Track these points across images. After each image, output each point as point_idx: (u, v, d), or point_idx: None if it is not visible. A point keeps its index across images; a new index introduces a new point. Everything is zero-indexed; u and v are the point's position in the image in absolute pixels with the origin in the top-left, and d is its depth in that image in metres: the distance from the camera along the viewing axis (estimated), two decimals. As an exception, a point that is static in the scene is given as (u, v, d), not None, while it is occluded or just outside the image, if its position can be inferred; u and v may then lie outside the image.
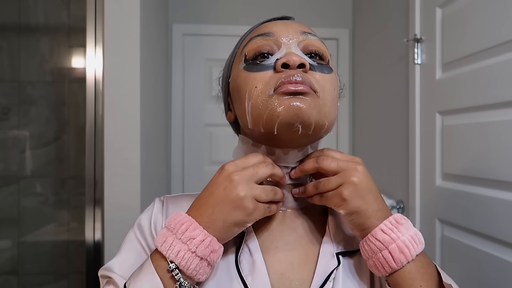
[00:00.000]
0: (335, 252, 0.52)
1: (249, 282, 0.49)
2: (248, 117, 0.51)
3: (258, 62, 0.52)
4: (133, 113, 1.35)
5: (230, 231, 0.47)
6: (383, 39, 1.74)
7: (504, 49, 0.97)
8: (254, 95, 0.50)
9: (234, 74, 0.55)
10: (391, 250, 0.46)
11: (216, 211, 0.46)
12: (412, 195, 1.40)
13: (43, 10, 2.09)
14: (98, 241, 1.35)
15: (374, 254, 0.47)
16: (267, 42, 0.53)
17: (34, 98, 2.08)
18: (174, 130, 2.10)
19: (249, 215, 0.47)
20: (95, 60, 1.35)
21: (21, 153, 2.07)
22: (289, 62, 0.49)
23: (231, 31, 2.12)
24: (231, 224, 0.46)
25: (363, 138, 2.02)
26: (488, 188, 1.02)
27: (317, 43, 0.54)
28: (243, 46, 0.56)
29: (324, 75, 0.52)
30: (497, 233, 0.99)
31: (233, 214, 0.46)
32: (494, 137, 1.00)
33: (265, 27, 0.56)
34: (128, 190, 1.35)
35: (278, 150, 0.54)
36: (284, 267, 0.51)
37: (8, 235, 2.07)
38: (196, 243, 0.45)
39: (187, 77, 2.12)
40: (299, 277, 0.51)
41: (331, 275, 0.50)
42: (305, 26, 0.57)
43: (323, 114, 0.49)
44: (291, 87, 0.47)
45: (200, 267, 0.45)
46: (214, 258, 0.46)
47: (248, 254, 0.51)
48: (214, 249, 0.46)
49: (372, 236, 0.48)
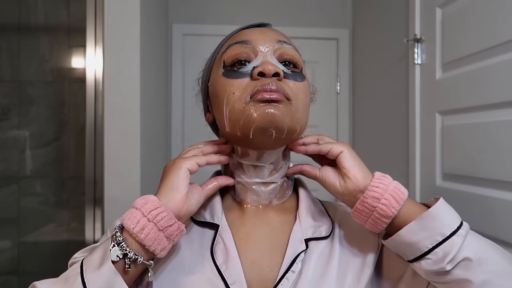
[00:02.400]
0: (304, 238, 0.56)
1: (223, 269, 0.53)
2: (225, 121, 0.55)
3: (236, 69, 0.56)
4: (133, 113, 1.35)
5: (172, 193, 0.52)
6: (383, 39, 1.74)
7: (504, 49, 0.97)
8: (232, 101, 0.54)
9: (213, 79, 0.59)
10: (396, 182, 0.53)
11: (163, 183, 0.53)
12: (412, 195, 1.40)
13: (43, 10, 2.09)
14: (98, 241, 1.35)
15: (387, 187, 0.52)
16: (244, 50, 0.57)
17: (34, 98, 2.08)
18: (174, 130, 2.10)
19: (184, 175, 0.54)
20: (95, 60, 1.35)
21: (21, 153, 2.07)
22: (265, 71, 0.53)
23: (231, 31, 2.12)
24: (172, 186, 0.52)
25: (363, 138, 2.02)
26: (488, 188, 1.02)
27: (291, 52, 0.58)
28: (222, 52, 0.60)
29: (297, 83, 0.56)
30: (497, 233, 0.99)
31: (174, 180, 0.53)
32: (494, 137, 1.00)
33: (243, 35, 0.59)
34: (128, 190, 1.35)
35: (252, 152, 0.58)
36: (256, 255, 0.56)
37: (8, 235, 2.07)
38: (136, 201, 0.50)
39: (187, 77, 2.12)
40: (269, 263, 0.55)
41: (298, 257, 0.54)
42: (281, 34, 0.61)
43: (295, 120, 0.54)
44: (266, 95, 0.51)
45: (134, 217, 0.48)
46: (149, 208, 0.49)
47: (223, 245, 0.55)
48: (149, 200, 0.50)
49: (379, 176, 0.54)
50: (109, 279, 0.45)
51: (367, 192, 0.52)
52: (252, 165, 0.60)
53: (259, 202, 0.61)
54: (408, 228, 0.50)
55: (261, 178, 0.60)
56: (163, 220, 0.48)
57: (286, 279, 0.52)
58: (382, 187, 0.52)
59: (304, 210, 0.60)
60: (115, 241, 0.47)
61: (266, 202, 0.61)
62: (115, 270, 0.45)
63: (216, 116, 0.59)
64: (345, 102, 2.18)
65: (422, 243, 0.49)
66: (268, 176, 0.60)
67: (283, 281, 0.52)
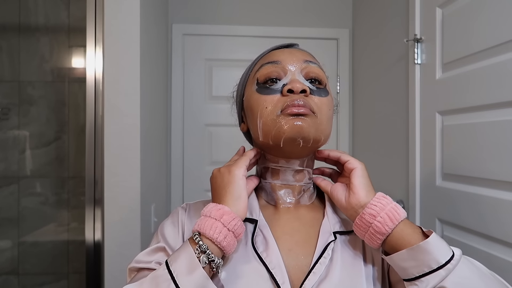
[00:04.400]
0: (332, 231, 0.64)
1: (264, 257, 0.61)
2: (259, 132, 0.64)
3: (268, 86, 0.64)
4: (133, 113, 1.35)
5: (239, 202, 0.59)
6: (383, 39, 1.74)
7: (504, 49, 0.97)
8: (265, 114, 0.62)
9: (248, 95, 0.68)
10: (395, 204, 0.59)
11: (225, 191, 0.60)
12: (412, 195, 1.40)
13: (43, 10, 2.09)
14: (98, 241, 1.35)
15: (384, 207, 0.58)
16: (275, 69, 0.65)
17: (34, 98, 2.08)
18: (174, 130, 2.10)
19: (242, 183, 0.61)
20: (95, 60, 1.35)
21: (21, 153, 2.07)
22: (293, 88, 0.61)
23: (231, 31, 2.12)
24: (237, 195, 0.60)
25: (363, 138, 2.02)
26: (488, 188, 1.02)
27: (317, 70, 0.67)
28: (255, 71, 0.68)
29: (321, 98, 0.64)
30: (497, 233, 0.99)
31: (236, 188, 0.60)
32: (494, 137, 1.00)
33: (274, 55, 0.68)
34: (128, 190, 1.34)
35: (282, 160, 0.67)
36: (292, 244, 0.63)
37: (8, 235, 2.07)
38: (209, 210, 0.57)
39: (187, 77, 2.12)
40: (304, 251, 0.63)
41: (329, 246, 0.62)
42: (308, 54, 0.70)
43: (320, 131, 0.62)
44: (294, 109, 0.60)
45: (216, 227, 0.55)
46: (228, 219, 0.56)
47: (262, 237, 0.63)
48: (225, 212, 0.57)
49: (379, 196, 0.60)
50: (202, 283, 0.53)
51: (366, 209, 0.59)
52: (281, 170, 0.68)
53: (289, 202, 0.69)
54: (399, 254, 0.56)
55: (288, 181, 0.68)
56: (238, 228, 0.57)
57: (319, 264, 0.60)
58: (380, 206, 0.58)
59: (331, 208, 0.68)
60: (200, 249, 0.54)
61: (294, 202, 0.69)
62: (206, 275, 0.53)
63: (251, 126, 0.68)
64: (345, 102, 2.18)
65: (410, 270, 0.55)
66: (295, 180, 0.68)
67: (317, 266, 0.60)
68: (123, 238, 1.34)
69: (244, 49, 2.13)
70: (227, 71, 2.11)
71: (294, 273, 0.61)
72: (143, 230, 1.40)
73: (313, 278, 0.59)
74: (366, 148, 1.98)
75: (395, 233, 0.57)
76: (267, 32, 2.13)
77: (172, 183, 2.08)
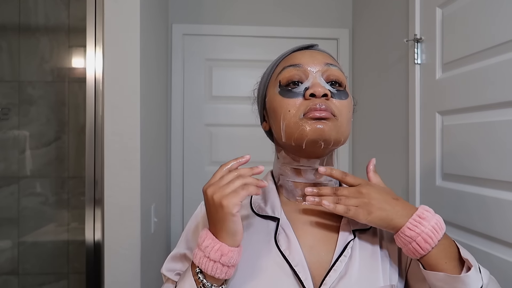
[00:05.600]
0: (352, 229, 0.67)
1: (287, 254, 0.64)
2: (282, 133, 0.66)
3: (290, 89, 0.66)
4: (133, 113, 1.35)
5: (235, 237, 0.59)
6: (383, 39, 1.74)
7: (504, 49, 0.97)
8: (288, 117, 0.65)
9: (271, 96, 0.70)
10: (418, 242, 0.59)
11: (220, 226, 0.58)
12: (412, 195, 1.40)
13: (43, 10, 2.09)
14: (98, 241, 1.35)
15: (406, 246, 0.61)
16: (297, 72, 0.67)
17: (34, 98, 2.08)
18: (174, 130, 2.10)
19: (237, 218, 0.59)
20: (95, 60, 1.35)
21: (21, 153, 2.07)
22: (315, 92, 0.63)
23: (231, 31, 2.12)
24: (232, 231, 0.58)
25: (363, 138, 2.02)
26: (488, 188, 1.02)
27: (337, 73, 0.68)
28: (277, 73, 0.70)
29: (342, 101, 0.66)
30: (497, 233, 0.99)
31: (231, 225, 0.58)
32: (494, 137, 1.00)
33: (295, 58, 0.69)
34: (128, 190, 1.34)
35: (303, 160, 0.69)
36: (313, 242, 0.66)
37: (8, 235, 2.07)
38: (208, 250, 0.58)
39: (187, 77, 2.12)
40: (325, 248, 0.66)
41: (349, 244, 0.65)
42: (328, 56, 0.71)
43: (340, 133, 0.65)
44: (316, 113, 0.62)
45: (216, 267, 0.57)
46: (226, 260, 0.57)
47: (284, 235, 0.66)
48: (224, 253, 0.57)
49: (402, 232, 0.61)
50: None
51: (400, 232, 0.61)
52: (302, 169, 0.70)
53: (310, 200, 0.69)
54: (436, 275, 0.59)
55: (309, 179, 0.70)
56: (236, 260, 0.59)
57: (340, 262, 0.63)
58: (402, 243, 0.61)
59: None
60: (204, 286, 0.58)
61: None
62: None
63: (273, 127, 0.70)
64: (345, 102, 2.18)
65: None
66: (316, 178, 0.70)
67: (337, 263, 0.63)
68: (123, 238, 1.34)
69: (244, 49, 2.13)
70: (227, 71, 2.11)
71: (316, 270, 0.64)
72: (143, 230, 1.40)
73: (333, 274, 0.62)
74: (366, 148, 1.98)
75: (426, 259, 0.60)
76: (267, 32, 2.13)
77: (172, 183, 2.08)
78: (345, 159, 2.17)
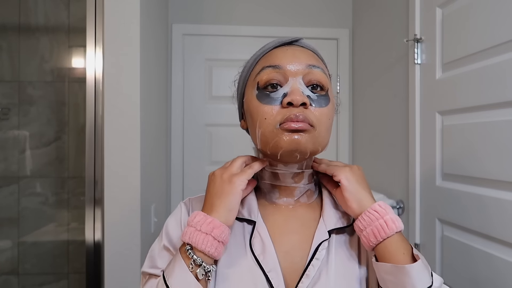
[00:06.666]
0: (327, 230, 0.65)
1: (261, 259, 0.62)
2: (257, 140, 0.64)
3: (268, 93, 0.63)
4: (133, 113, 1.35)
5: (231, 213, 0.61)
6: (383, 39, 1.75)
7: (504, 49, 0.97)
8: (264, 125, 0.62)
9: (248, 98, 0.67)
10: (386, 220, 0.59)
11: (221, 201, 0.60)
12: (412, 195, 1.40)
13: (43, 10, 2.09)
14: (98, 241, 1.35)
15: (372, 222, 0.59)
16: (276, 75, 0.63)
17: (34, 98, 2.08)
18: (174, 130, 2.10)
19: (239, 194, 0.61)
20: (95, 60, 1.35)
21: (21, 153, 2.07)
22: (293, 101, 0.60)
23: (231, 31, 2.12)
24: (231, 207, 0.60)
25: (363, 138, 2.02)
26: (488, 188, 1.02)
27: (319, 76, 0.64)
28: (256, 72, 0.66)
29: (321, 109, 0.63)
30: (497, 233, 0.99)
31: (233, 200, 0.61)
32: (494, 137, 1.00)
33: (275, 57, 0.65)
34: (128, 190, 1.34)
35: (280, 164, 0.68)
36: (288, 247, 0.64)
37: (8, 235, 2.07)
38: (200, 223, 0.58)
39: (187, 77, 2.12)
40: (300, 254, 0.64)
41: (321, 245, 0.63)
42: (312, 55, 0.67)
43: (317, 144, 0.62)
44: (293, 124, 0.59)
45: (207, 240, 0.57)
46: (218, 233, 0.58)
47: (259, 239, 0.64)
48: (215, 226, 0.58)
49: (371, 208, 0.60)
50: None
51: (356, 221, 0.62)
52: (279, 173, 0.68)
53: (288, 202, 0.69)
54: (384, 266, 0.58)
55: (287, 183, 0.69)
56: (226, 237, 0.59)
57: (312, 266, 0.61)
58: (367, 220, 0.60)
59: (327, 207, 0.68)
60: (195, 263, 0.57)
61: (294, 203, 0.69)
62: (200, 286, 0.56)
63: (250, 130, 0.68)
64: (345, 102, 2.18)
65: (388, 284, 0.58)
66: (294, 182, 0.69)
67: (310, 268, 0.61)
68: (123, 238, 1.34)
69: (244, 49, 2.13)
70: (227, 71, 2.11)
71: (290, 275, 0.62)
72: (143, 230, 1.40)
73: (306, 280, 0.60)
74: (366, 148, 1.98)
75: (380, 248, 0.59)
76: (267, 32, 2.13)
77: (172, 183, 2.08)
78: (345, 159, 2.17)
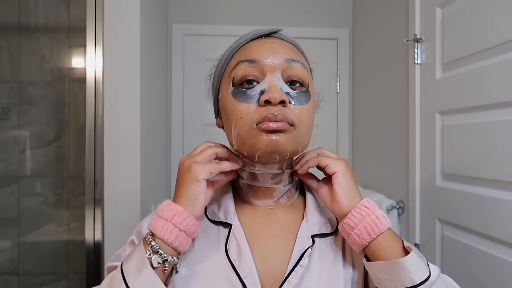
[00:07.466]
0: (311, 235, 0.61)
1: (236, 265, 0.58)
2: (233, 140, 0.59)
3: (244, 90, 0.58)
4: (133, 113, 1.35)
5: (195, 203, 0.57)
6: (383, 39, 1.74)
7: (504, 49, 0.97)
8: (240, 125, 0.57)
9: (223, 95, 0.62)
10: (377, 215, 0.56)
11: (183, 190, 0.57)
12: (412, 195, 1.40)
13: (43, 10, 2.09)
14: (98, 241, 1.35)
15: (364, 219, 0.56)
16: (252, 70, 0.59)
17: (34, 98, 2.08)
18: (174, 130, 2.10)
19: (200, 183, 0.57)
20: (95, 60, 1.35)
21: (21, 153, 2.07)
22: (271, 99, 0.55)
23: (231, 31, 2.12)
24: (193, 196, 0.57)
25: (363, 138, 2.02)
26: (488, 188, 1.02)
27: (299, 70, 0.60)
28: (231, 67, 0.61)
29: (301, 107, 0.58)
30: (497, 233, 0.99)
31: (194, 189, 0.57)
32: (494, 137, 1.00)
33: (251, 51, 0.60)
34: (128, 190, 1.34)
35: (258, 165, 0.63)
36: (267, 251, 0.61)
37: (8, 235, 2.07)
38: (162, 210, 0.56)
39: (187, 77, 2.12)
40: (280, 259, 0.60)
41: (306, 252, 0.59)
42: (291, 48, 0.62)
43: (297, 144, 0.58)
44: (271, 124, 0.55)
45: (167, 228, 0.54)
46: (179, 220, 0.54)
47: (236, 243, 0.60)
48: (177, 213, 0.55)
49: (361, 205, 0.57)
50: (150, 281, 0.52)
51: (345, 219, 0.58)
52: (258, 173, 0.64)
53: (267, 203, 0.65)
54: (377, 264, 0.55)
55: (267, 184, 0.64)
56: (191, 227, 0.56)
57: (295, 273, 0.58)
58: (359, 217, 0.56)
59: (311, 209, 0.65)
60: (152, 250, 0.53)
61: (273, 204, 0.66)
62: (154, 274, 0.52)
63: (226, 130, 0.63)
64: (345, 102, 2.18)
65: (385, 283, 0.55)
66: (274, 183, 0.65)
67: (292, 274, 0.58)
68: (123, 238, 1.33)
69: (244, 49, 2.13)
70: (227, 71, 2.11)
71: (268, 282, 0.58)
72: (143, 230, 1.40)
73: (287, 287, 0.57)
74: (366, 148, 1.98)
75: (373, 245, 0.56)
76: (267, 32, 2.13)
77: (172, 183, 2.08)
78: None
